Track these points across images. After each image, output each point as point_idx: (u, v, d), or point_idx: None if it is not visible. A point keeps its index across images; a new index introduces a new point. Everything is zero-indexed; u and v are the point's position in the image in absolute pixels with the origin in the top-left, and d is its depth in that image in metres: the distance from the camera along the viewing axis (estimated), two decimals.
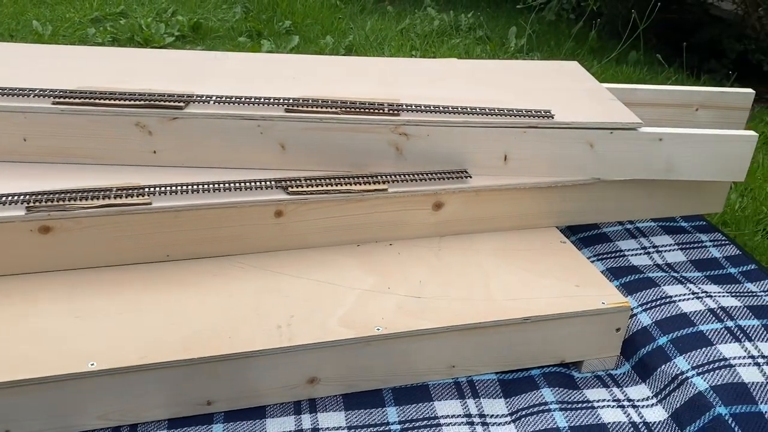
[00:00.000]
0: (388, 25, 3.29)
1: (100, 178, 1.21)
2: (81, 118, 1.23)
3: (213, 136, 1.25)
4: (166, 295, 1.11)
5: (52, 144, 1.24)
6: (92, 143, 1.25)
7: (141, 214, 1.14)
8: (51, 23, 3.06)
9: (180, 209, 1.16)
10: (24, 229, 1.10)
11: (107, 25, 3.13)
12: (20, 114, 1.22)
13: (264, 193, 1.21)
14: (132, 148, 1.26)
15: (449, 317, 1.09)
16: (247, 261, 1.21)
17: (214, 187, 1.19)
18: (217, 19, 3.33)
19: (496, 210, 1.30)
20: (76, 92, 1.25)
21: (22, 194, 1.12)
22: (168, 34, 3.05)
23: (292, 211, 1.22)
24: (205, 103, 1.26)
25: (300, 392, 1.06)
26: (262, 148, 1.27)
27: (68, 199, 1.12)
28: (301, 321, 1.07)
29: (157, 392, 1.00)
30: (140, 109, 1.23)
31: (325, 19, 3.29)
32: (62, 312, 1.05)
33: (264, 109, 1.26)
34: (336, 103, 1.29)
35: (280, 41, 3.05)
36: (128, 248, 1.16)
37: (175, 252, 1.19)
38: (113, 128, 1.24)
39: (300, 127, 1.26)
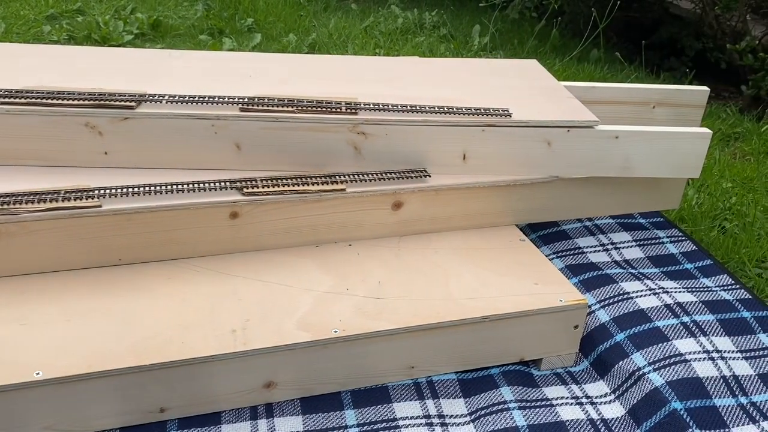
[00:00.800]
0: (351, 23, 3.27)
1: (49, 180, 1.17)
2: (28, 119, 1.19)
3: (166, 136, 1.22)
4: (117, 301, 1.08)
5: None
6: (40, 144, 1.21)
7: (91, 217, 1.11)
8: (4, 20, 2.97)
9: (131, 212, 1.13)
10: None
11: (63, 23, 3.05)
12: None
13: (218, 194, 1.18)
14: (82, 150, 1.22)
15: (408, 318, 1.08)
16: (201, 264, 1.18)
17: (166, 188, 1.16)
18: (178, 16, 3.27)
19: (455, 209, 1.30)
20: (23, 92, 1.21)
21: None
22: (127, 32, 2.98)
23: (248, 212, 1.19)
24: (157, 102, 1.23)
25: (256, 397, 1.04)
26: (217, 148, 1.24)
27: (13, 203, 1.08)
28: (256, 324, 1.05)
29: (108, 401, 0.97)
30: (90, 109, 1.20)
31: (288, 17, 3.26)
32: (6, 319, 1.02)
33: (218, 108, 1.24)
34: (293, 101, 1.27)
35: (242, 39, 3.01)
36: (78, 252, 1.13)
37: (126, 256, 1.16)
38: (62, 129, 1.20)
39: (256, 127, 1.24)
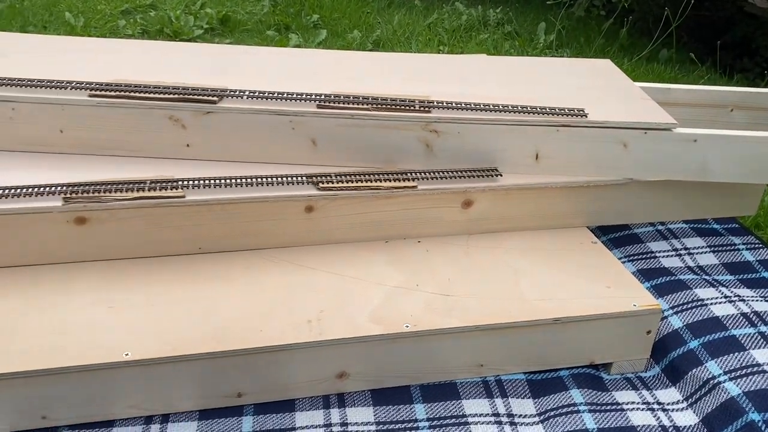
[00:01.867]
0: (415, 20, 3.28)
1: (135, 170, 1.22)
2: (116, 111, 1.24)
3: (245, 130, 1.26)
4: (198, 288, 1.12)
5: (88, 136, 1.26)
6: (127, 136, 1.26)
7: (174, 206, 1.16)
8: (83, 15, 3.10)
9: (213, 202, 1.17)
10: (60, 219, 1.12)
11: (137, 17, 3.16)
12: (58, 106, 1.24)
13: (295, 189, 1.21)
14: (166, 142, 1.27)
15: (479, 316, 1.09)
16: (277, 255, 1.22)
17: (246, 181, 1.20)
18: (245, 12, 3.34)
19: (526, 209, 1.30)
20: (112, 85, 1.27)
21: (60, 185, 1.14)
22: (197, 27, 3.07)
23: (322, 206, 1.22)
24: (238, 98, 1.27)
25: (329, 387, 1.07)
26: (294, 143, 1.27)
27: (103, 191, 1.14)
28: (330, 316, 1.07)
29: (189, 384, 1.01)
30: (174, 103, 1.24)
31: (352, 13, 3.29)
32: (96, 302, 1.07)
33: (296, 105, 1.27)
34: (367, 99, 1.29)
35: (307, 35, 3.06)
36: (161, 240, 1.18)
37: (207, 245, 1.20)
38: (147, 121, 1.25)
39: (331, 124, 1.26)
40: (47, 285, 1.10)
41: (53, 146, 1.27)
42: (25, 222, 1.11)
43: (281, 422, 1.02)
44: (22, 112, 1.24)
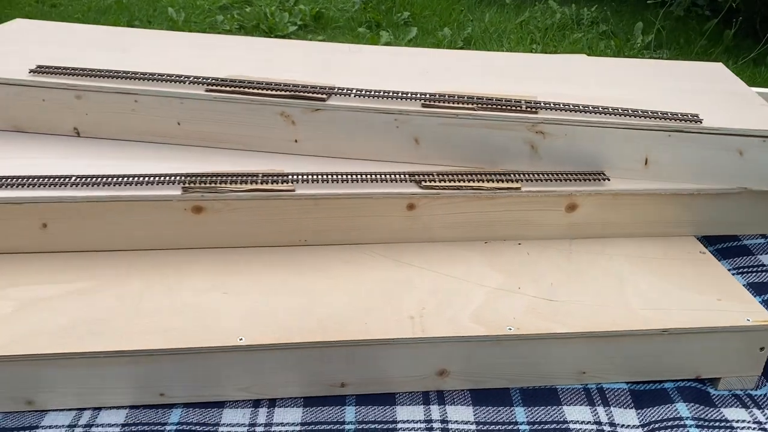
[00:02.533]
0: (506, 18, 3.25)
1: (246, 163, 1.27)
2: (231, 106, 1.30)
3: (351, 127, 1.29)
4: (304, 279, 1.16)
5: (203, 129, 1.32)
6: (240, 130, 1.32)
7: (284, 199, 1.20)
8: (184, 10, 3.24)
9: (319, 197, 1.20)
10: (179, 207, 1.18)
11: (234, 13, 3.28)
12: (177, 99, 1.30)
13: (398, 186, 1.23)
14: (275, 136, 1.32)
15: (583, 323, 1.07)
16: (377, 251, 1.24)
17: (352, 177, 1.23)
18: (337, 9, 3.40)
19: (632, 215, 1.27)
20: (227, 81, 1.32)
21: (179, 175, 1.20)
22: (291, 23, 3.15)
23: (424, 204, 1.24)
24: (345, 95, 1.30)
25: (429, 383, 1.08)
26: (397, 141, 1.29)
27: (220, 182, 1.19)
28: (432, 313, 1.08)
29: (296, 371, 1.05)
30: (286, 100, 1.29)
31: (443, 11, 3.29)
32: (211, 288, 1.13)
33: (401, 104, 1.28)
34: (472, 99, 1.29)
35: (398, 32, 3.08)
36: (270, 231, 1.22)
37: (311, 238, 1.24)
38: (259, 116, 1.30)
39: (435, 123, 1.27)
40: (166, 269, 1.16)
41: (171, 137, 1.33)
42: (147, 209, 1.17)
43: (383, 414, 1.04)
44: (144, 105, 1.31)
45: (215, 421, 1.02)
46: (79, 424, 1.01)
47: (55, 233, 1.17)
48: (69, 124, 1.35)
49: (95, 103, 1.32)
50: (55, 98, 1.32)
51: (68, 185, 1.17)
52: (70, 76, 1.33)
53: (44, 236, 1.17)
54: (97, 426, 1.00)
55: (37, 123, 1.35)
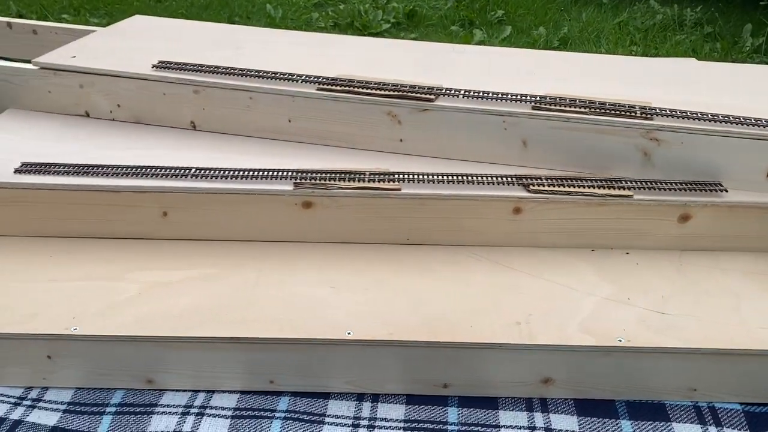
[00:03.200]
0: (604, 18, 3.16)
1: (353, 161, 1.30)
2: (340, 104, 1.33)
3: (458, 129, 1.29)
4: (408, 277, 1.17)
5: (313, 126, 1.36)
6: (347, 128, 1.34)
7: (390, 198, 1.22)
8: (281, 7, 3.32)
9: (426, 197, 1.21)
10: (290, 202, 1.22)
11: (329, 10, 3.34)
12: (289, 97, 1.34)
13: (505, 189, 1.22)
14: (381, 135, 1.34)
15: (697, 338, 1.04)
16: (481, 253, 1.24)
17: (458, 179, 1.23)
18: (430, 6, 3.41)
19: (751, 229, 1.21)
20: (338, 80, 1.35)
21: (291, 171, 1.24)
22: (384, 21, 3.18)
23: (531, 209, 1.22)
24: (453, 96, 1.30)
25: (533, 390, 1.07)
26: (504, 143, 1.29)
27: (329, 179, 1.22)
28: (539, 320, 1.07)
29: (401, 368, 1.06)
30: (394, 99, 1.30)
31: (538, 10, 3.24)
32: (320, 282, 1.16)
33: (511, 105, 1.28)
34: (584, 102, 1.27)
35: (491, 31, 3.06)
36: (375, 228, 1.24)
37: (415, 237, 1.25)
38: (367, 116, 1.32)
39: (545, 126, 1.26)
40: (277, 261, 1.20)
41: (281, 134, 1.38)
42: (260, 202, 1.22)
43: (485, 418, 1.04)
44: (258, 101, 1.36)
45: (321, 411, 1.05)
46: (194, 405, 1.06)
47: (175, 221, 1.23)
48: (186, 117, 1.41)
49: (212, 98, 1.38)
50: (175, 92, 1.39)
51: (188, 176, 1.22)
52: (189, 72, 1.39)
53: (164, 224, 1.23)
54: (211, 408, 1.05)
55: (157, 115, 1.43)
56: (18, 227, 1.22)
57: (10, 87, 1.46)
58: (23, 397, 1.06)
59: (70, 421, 1.02)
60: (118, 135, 1.39)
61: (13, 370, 1.06)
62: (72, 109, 1.46)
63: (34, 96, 1.46)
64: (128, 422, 1.02)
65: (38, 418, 1.03)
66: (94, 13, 3.11)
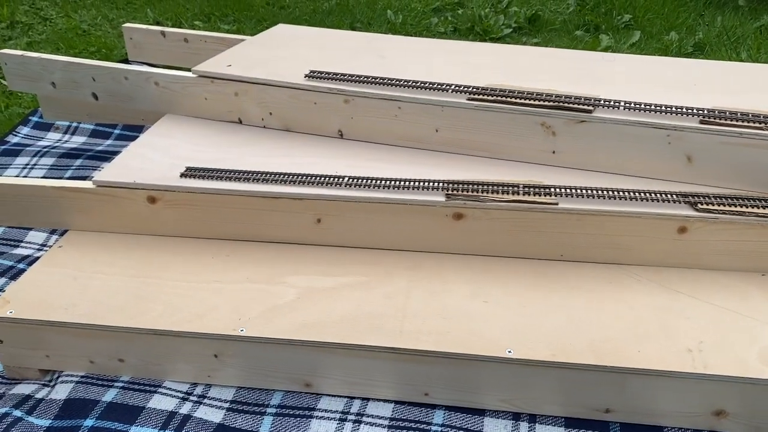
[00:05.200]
0: (742, 22, 2.96)
1: (505, 172, 1.28)
2: (491, 115, 1.31)
3: (617, 142, 1.24)
4: (564, 295, 1.14)
5: (461, 136, 1.34)
6: (498, 138, 1.32)
7: (546, 212, 1.18)
8: (401, 12, 3.34)
9: (584, 213, 1.17)
10: (441, 213, 1.21)
11: (447, 15, 3.32)
12: (438, 107, 1.34)
13: (670, 207, 1.16)
14: (534, 147, 1.30)
15: None
16: (641, 273, 1.18)
17: (618, 194, 1.18)
18: (550, 10, 3.32)
19: None
20: (488, 90, 1.33)
21: (442, 182, 1.23)
22: (505, 26, 3.13)
23: (698, 228, 1.16)
24: (613, 108, 1.25)
25: (702, 422, 1.01)
26: (667, 158, 1.23)
27: (481, 191, 1.21)
28: (712, 348, 1.01)
29: (561, 390, 1.03)
30: (549, 110, 1.27)
31: (669, 13, 3.08)
32: (471, 295, 1.14)
33: (675, 119, 1.21)
34: (758, 117, 1.18)
35: (618, 36, 2.93)
36: (528, 243, 1.21)
37: (569, 253, 1.21)
38: (519, 126, 1.30)
39: (715, 141, 1.19)
40: (428, 271, 1.20)
41: (428, 143, 1.37)
42: (412, 212, 1.22)
43: None
44: (407, 111, 1.36)
45: (478, 428, 1.04)
46: (351, 411, 1.07)
47: (329, 228, 1.25)
48: (335, 126, 1.44)
49: (361, 107, 1.40)
50: (325, 102, 1.42)
51: (342, 185, 1.24)
52: (340, 81, 1.42)
53: (319, 230, 1.25)
54: (368, 416, 1.06)
55: (306, 124, 1.46)
56: (183, 228, 1.28)
57: (169, 93, 1.54)
58: (189, 393, 1.11)
59: (234, 419, 1.06)
60: (271, 142, 1.44)
61: (182, 366, 1.11)
62: (226, 115, 1.52)
63: (192, 103, 1.53)
64: (289, 424, 1.05)
65: (205, 414, 1.07)
66: (223, 19, 3.25)
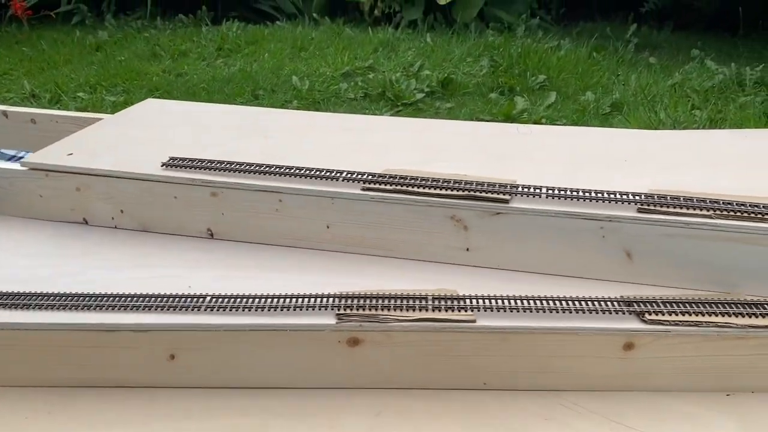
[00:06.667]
0: (656, 80, 2.92)
1: (409, 277, 1.04)
2: (392, 207, 1.07)
3: (540, 236, 1.03)
4: None
5: (357, 233, 1.10)
6: (399, 235, 1.09)
7: (462, 332, 0.94)
8: (308, 78, 3.14)
9: (509, 331, 0.93)
10: (332, 340, 0.95)
11: (358, 80, 3.15)
12: (327, 199, 1.09)
13: (612, 319, 0.94)
14: (443, 244, 1.07)
15: None
16: (583, 402, 0.95)
17: (549, 305, 0.95)
18: (465, 73, 3.20)
19: None
20: (387, 176, 1.10)
21: (333, 297, 0.97)
22: (418, 90, 2.97)
23: (646, 344, 0.93)
24: (534, 196, 1.04)
25: None
26: (602, 255, 1.02)
27: (381, 307, 0.95)
28: None
29: None
30: (458, 201, 1.05)
31: (583, 73, 3.01)
32: None
33: (609, 207, 1.01)
34: (705, 201, 0.99)
35: (534, 98, 2.83)
36: (442, 370, 0.96)
37: (493, 380, 0.97)
38: (425, 221, 1.07)
39: (657, 233, 0.99)
40: (316, 417, 0.92)
41: (318, 242, 1.12)
42: (294, 340, 0.95)
43: None
44: (290, 205, 1.11)
45: None
46: None
47: (185, 366, 0.96)
48: (202, 224, 1.17)
49: (233, 201, 1.14)
50: (189, 195, 1.15)
51: (201, 308, 0.96)
52: (205, 170, 1.15)
53: (173, 369, 0.96)
54: None
55: (167, 222, 1.18)
56: None
57: None
58: None
59: None
60: (123, 248, 1.15)
61: None
62: (68, 215, 1.22)
63: (24, 201, 1.23)
64: None
65: None
66: (111, 90, 2.95)
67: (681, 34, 3.65)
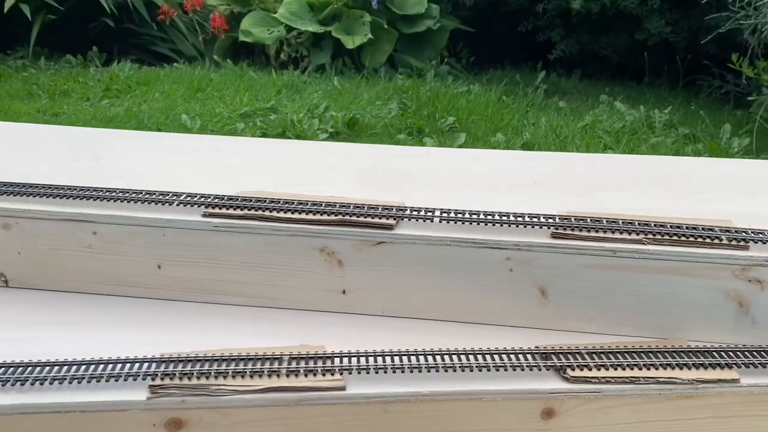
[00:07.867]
0: (566, 122, 2.84)
1: (260, 330, 0.81)
2: (241, 238, 0.83)
3: (433, 271, 0.81)
4: None
5: (196, 275, 0.86)
6: (252, 276, 0.85)
7: (327, 404, 0.68)
8: (200, 117, 2.88)
9: (391, 399, 0.69)
10: (144, 422, 0.67)
11: (257, 120, 2.92)
12: (157, 230, 0.83)
13: (525, 377, 0.71)
14: (310, 285, 0.84)
15: None
16: None
17: (445, 362, 0.72)
18: (372, 115, 3.04)
19: None
20: (236, 199, 0.85)
21: (147, 361, 0.69)
22: (321, 131, 2.77)
23: (570, 410, 0.72)
24: (425, 220, 0.82)
25: None
26: (511, 293, 0.81)
27: (215, 374, 0.69)
28: None
29: None
30: (330, 227, 0.81)
31: (492, 116, 2.90)
32: None
33: (518, 233, 0.80)
34: (646, 225, 0.80)
35: (444, 139, 2.67)
36: None
37: None
38: (286, 254, 0.83)
39: (574, 264, 0.78)
40: None
41: (147, 287, 0.86)
42: (91, 425, 0.66)
43: None
44: (106, 239, 0.84)
45: None
46: None
47: None
48: None
49: (33, 235, 0.85)
50: None
51: None
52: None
53: None
54: None
55: None
56: None
57: None
58: None
59: None
60: None
61: None
62: None
63: None
64: None
65: None
66: None
67: (589, 81, 3.65)
